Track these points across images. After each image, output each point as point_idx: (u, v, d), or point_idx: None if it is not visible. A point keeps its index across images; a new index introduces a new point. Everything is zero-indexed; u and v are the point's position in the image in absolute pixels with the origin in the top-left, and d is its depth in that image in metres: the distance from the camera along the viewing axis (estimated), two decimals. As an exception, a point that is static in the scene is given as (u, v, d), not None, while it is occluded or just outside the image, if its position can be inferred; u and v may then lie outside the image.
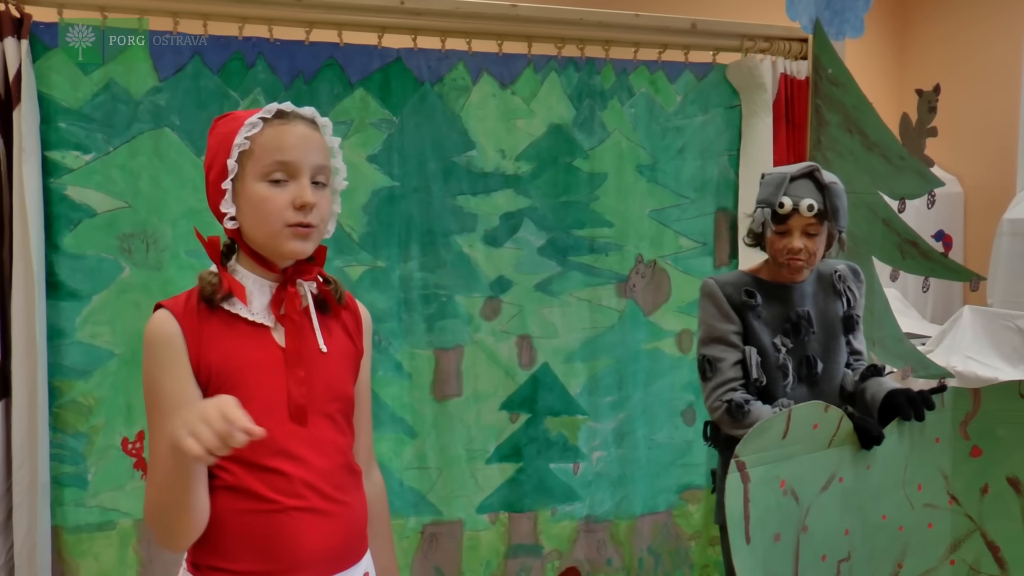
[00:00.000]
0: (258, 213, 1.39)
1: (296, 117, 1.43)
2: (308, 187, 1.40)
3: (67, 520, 2.59)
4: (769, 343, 2.26)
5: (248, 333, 1.42)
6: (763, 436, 1.91)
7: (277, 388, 1.42)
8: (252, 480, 1.38)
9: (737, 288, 2.30)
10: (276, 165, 1.38)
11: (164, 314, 1.39)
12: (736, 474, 1.86)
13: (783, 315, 2.29)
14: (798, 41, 3.12)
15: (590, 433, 3.03)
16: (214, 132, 1.45)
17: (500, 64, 2.85)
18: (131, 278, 2.59)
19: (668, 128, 3.05)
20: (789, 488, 1.94)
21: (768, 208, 2.22)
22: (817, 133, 3.10)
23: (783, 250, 2.23)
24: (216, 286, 1.41)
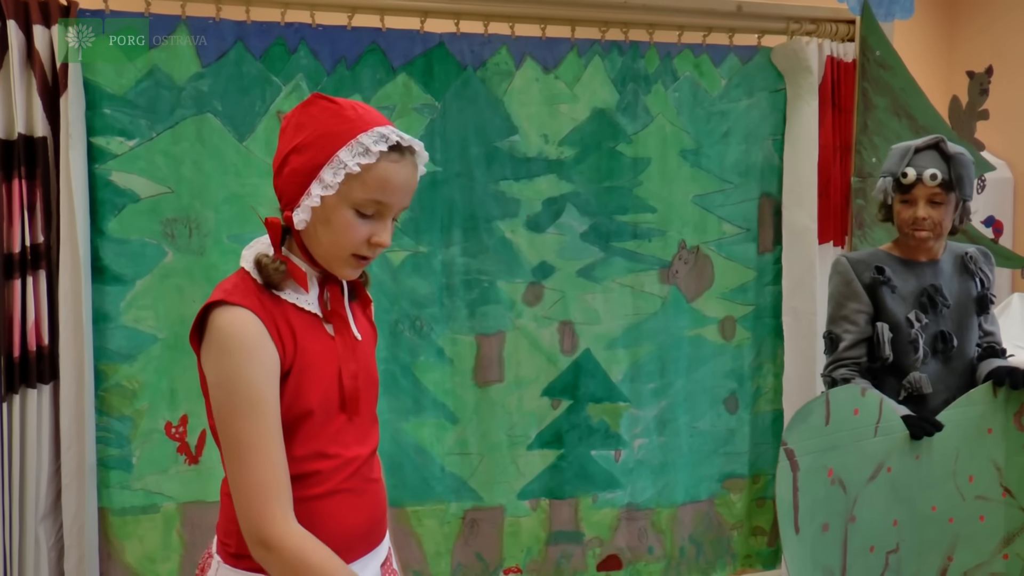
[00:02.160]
0: (336, 236, 1.35)
1: (409, 155, 1.37)
2: (391, 228, 1.38)
3: (113, 502, 2.62)
4: (903, 317, 2.27)
5: (307, 322, 1.40)
6: (806, 421, 1.89)
7: (332, 378, 1.40)
8: (307, 468, 1.37)
9: (868, 265, 2.31)
10: (374, 204, 1.34)
11: (246, 315, 1.31)
12: (785, 462, 1.83)
13: (918, 290, 2.30)
14: (845, 23, 3.06)
15: (632, 420, 3.01)
16: (313, 112, 1.35)
17: (543, 48, 2.83)
18: (174, 263, 2.61)
19: (712, 112, 3.00)
20: (837, 477, 1.92)
21: (891, 178, 2.25)
22: (864, 117, 3.04)
23: (908, 219, 2.25)
24: (283, 273, 1.36)
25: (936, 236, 2.26)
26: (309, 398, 1.36)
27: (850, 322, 2.29)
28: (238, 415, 1.29)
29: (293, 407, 1.34)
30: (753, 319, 3.13)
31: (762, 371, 3.16)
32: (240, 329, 1.30)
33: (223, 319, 1.31)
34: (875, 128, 3.03)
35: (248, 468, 1.29)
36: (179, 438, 2.66)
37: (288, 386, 1.34)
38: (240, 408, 1.29)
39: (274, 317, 1.34)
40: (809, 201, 3.02)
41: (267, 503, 1.28)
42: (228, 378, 1.30)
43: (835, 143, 3.07)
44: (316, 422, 1.37)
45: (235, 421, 1.30)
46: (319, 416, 1.37)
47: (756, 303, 3.13)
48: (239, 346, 1.30)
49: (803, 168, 3.02)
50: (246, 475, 1.29)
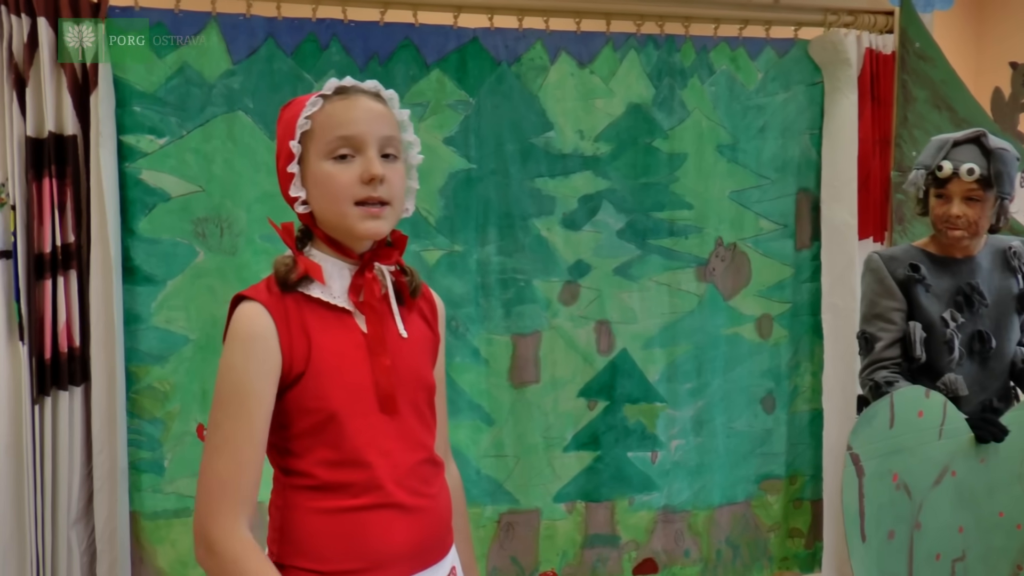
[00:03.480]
0: (325, 192, 1.33)
1: (358, 91, 1.36)
2: (376, 159, 1.32)
3: (144, 506, 2.58)
4: (938, 317, 2.20)
5: (330, 318, 1.35)
6: (871, 424, 1.84)
7: (363, 376, 1.35)
8: (339, 477, 1.32)
9: (902, 262, 2.25)
10: (339, 141, 1.31)
11: (256, 308, 1.31)
12: (851, 467, 1.78)
13: (954, 288, 2.23)
14: (884, 14, 3.00)
15: (668, 421, 2.96)
16: (281, 120, 1.39)
17: (578, 42, 2.78)
18: (205, 263, 2.57)
19: (749, 107, 2.95)
20: (902, 482, 1.86)
21: (924, 171, 2.16)
22: (904, 110, 2.98)
23: (942, 216, 2.17)
24: (291, 267, 1.34)
25: (971, 235, 2.18)
26: (330, 399, 1.31)
27: (885, 320, 2.23)
28: (222, 404, 1.28)
29: (313, 411, 1.31)
30: (790, 317, 3.07)
31: (799, 370, 3.10)
32: (245, 321, 1.30)
33: (236, 312, 1.32)
34: (915, 121, 2.97)
35: (214, 461, 1.27)
36: (210, 440, 2.61)
37: (305, 389, 1.31)
38: (224, 398, 1.28)
39: (288, 316, 1.32)
40: (849, 196, 2.96)
41: (220, 502, 1.25)
42: (223, 366, 1.30)
43: (874, 137, 3.01)
44: (346, 425, 1.32)
45: (218, 410, 1.29)
46: (348, 418, 1.32)
47: (793, 300, 3.07)
48: (239, 336, 1.29)
49: (842, 163, 2.96)
50: (211, 467, 1.27)
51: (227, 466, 1.26)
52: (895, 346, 2.22)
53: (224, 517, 1.25)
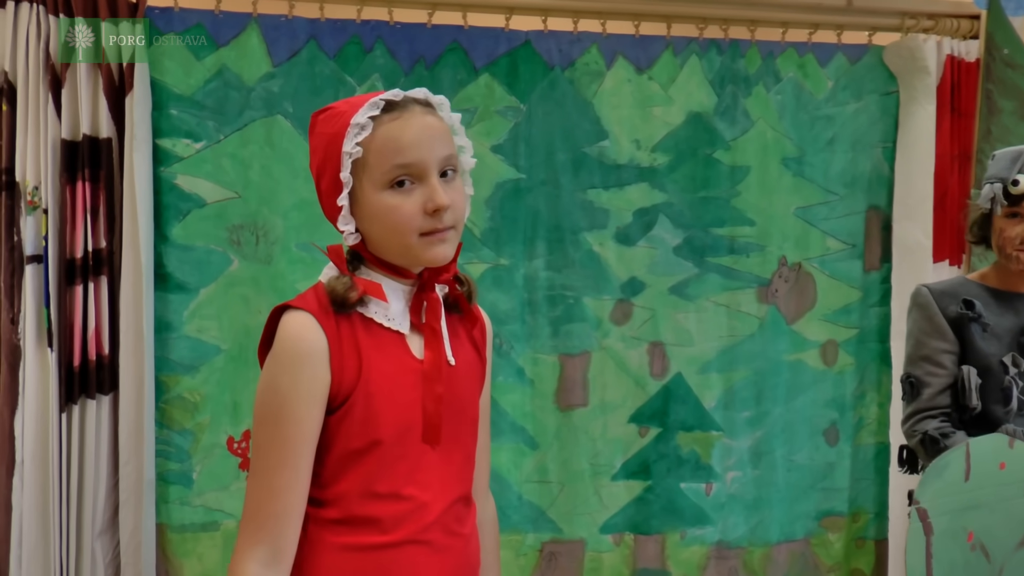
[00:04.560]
0: (386, 226, 1.21)
1: (409, 104, 1.22)
2: (439, 187, 1.20)
3: (172, 519, 2.51)
4: (996, 360, 1.97)
5: (385, 340, 1.24)
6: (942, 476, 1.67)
7: (411, 404, 1.24)
8: (371, 511, 1.21)
9: (955, 297, 2.02)
10: (398, 170, 1.19)
11: (306, 320, 1.20)
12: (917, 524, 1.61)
13: (1017, 328, 2.00)
14: (968, 18, 2.81)
15: (724, 451, 2.79)
16: (316, 132, 1.27)
17: (636, 47, 2.65)
18: (240, 271, 2.50)
19: (817, 117, 2.78)
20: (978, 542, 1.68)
21: (999, 184, 1.94)
22: (987, 122, 2.79)
23: (1014, 239, 1.94)
24: (349, 287, 1.22)
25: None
26: (377, 427, 1.21)
27: (934, 363, 2.00)
28: (263, 427, 1.20)
29: (358, 436, 1.21)
30: (857, 343, 2.88)
31: (865, 400, 2.91)
32: (293, 335, 1.20)
33: (283, 322, 1.22)
34: (999, 135, 2.76)
35: (250, 484, 1.21)
36: (241, 454, 2.54)
37: (352, 413, 1.20)
38: (266, 419, 1.20)
39: (340, 332, 1.21)
40: (923, 215, 2.78)
41: (243, 529, 1.19)
42: (266, 383, 1.21)
43: (953, 151, 2.82)
44: (388, 454, 1.22)
45: (259, 432, 1.21)
46: (391, 447, 1.22)
47: (860, 326, 2.88)
48: (286, 352, 1.19)
49: (917, 179, 2.78)
50: (247, 491, 1.21)
51: (258, 492, 1.19)
52: (945, 393, 1.99)
53: (241, 545, 1.19)
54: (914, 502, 1.63)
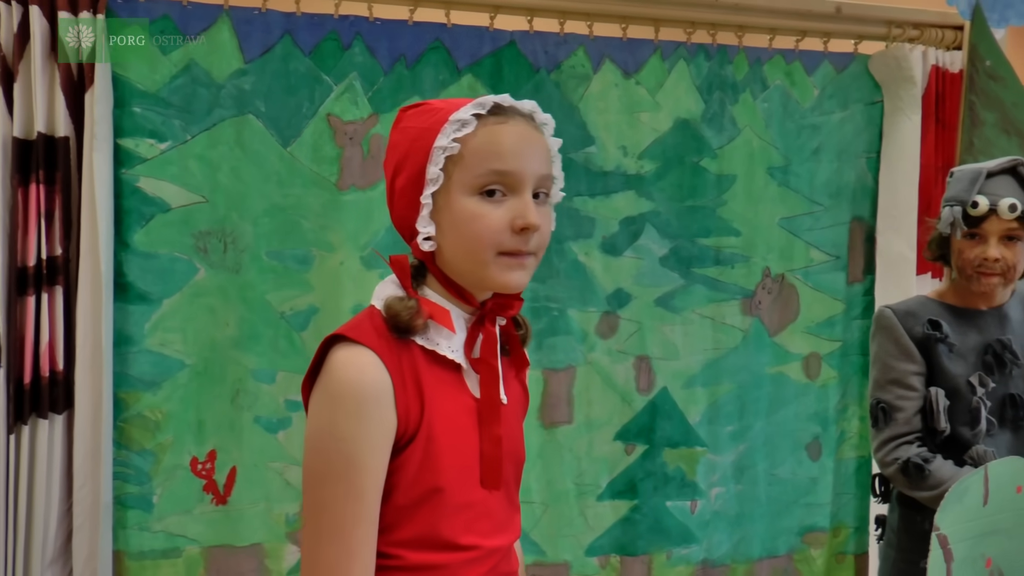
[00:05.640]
0: (466, 235, 1.10)
1: (515, 113, 1.14)
2: (531, 205, 1.10)
3: (130, 545, 2.36)
4: (963, 381, 1.91)
5: (445, 376, 1.14)
6: (962, 502, 1.61)
7: (471, 447, 1.14)
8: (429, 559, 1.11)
9: (918, 317, 1.95)
10: (493, 176, 1.09)
11: (369, 358, 1.08)
12: (938, 551, 1.54)
13: (981, 346, 1.94)
14: (952, 29, 2.78)
15: (709, 467, 2.72)
16: (402, 127, 1.17)
17: (624, 50, 2.56)
18: (206, 281, 2.36)
19: (803, 126, 2.73)
20: (996, 568, 1.63)
21: (958, 207, 1.88)
22: (970, 134, 2.76)
23: (974, 260, 1.88)
24: (415, 311, 1.11)
25: (1008, 282, 1.90)
26: (440, 472, 1.11)
27: (904, 386, 1.93)
28: (328, 481, 1.07)
29: (418, 483, 1.10)
30: (840, 356, 2.84)
31: (847, 414, 2.86)
32: (356, 374, 1.07)
33: (340, 358, 1.08)
34: (982, 147, 2.73)
35: (322, 549, 1.07)
36: (206, 475, 2.39)
37: (412, 457, 1.10)
38: (332, 473, 1.06)
39: (402, 368, 1.10)
40: (908, 227, 2.74)
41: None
42: (326, 432, 1.07)
43: (938, 163, 2.78)
44: (448, 503, 1.12)
45: (322, 487, 1.07)
46: (452, 495, 1.12)
47: (843, 339, 2.84)
48: (350, 394, 1.06)
49: (902, 190, 2.74)
50: (320, 558, 1.07)
51: (338, 556, 1.06)
52: (918, 416, 1.93)
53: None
54: (935, 528, 1.56)
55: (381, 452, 1.07)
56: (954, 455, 1.91)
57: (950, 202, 1.92)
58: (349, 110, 2.39)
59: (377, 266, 2.41)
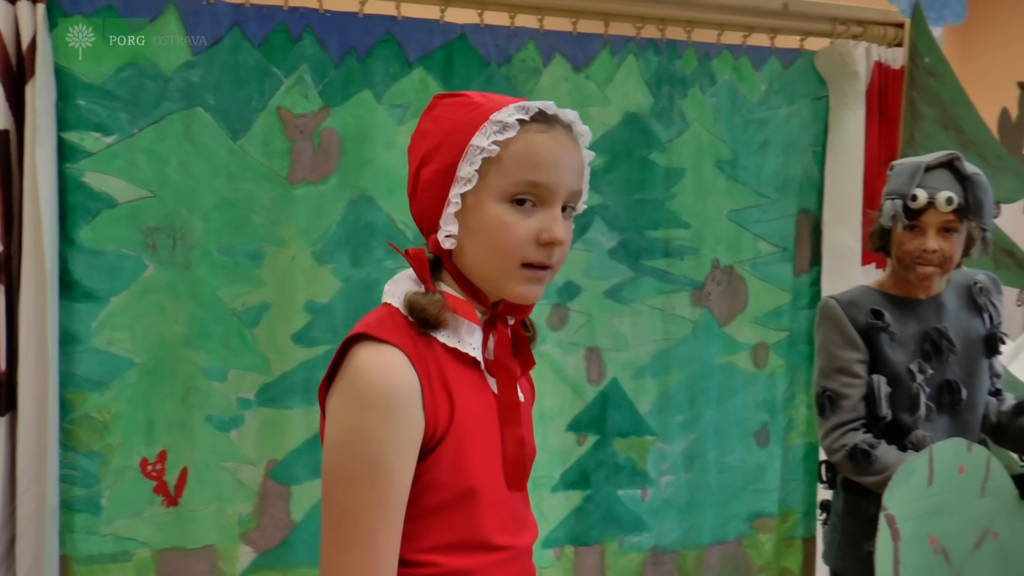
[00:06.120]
0: (492, 241, 1.08)
1: (557, 122, 1.11)
2: (559, 219, 1.09)
3: (77, 549, 2.30)
4: (904, 368, 1.97)
5: (467, 373, 1.12)
6: (908, 483, 1.66)
7: (495, 445, 1.13)
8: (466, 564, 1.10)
9: (861, 307, 2.01)
10: (528, 186, 1.07)
11: (396, 357, 1.05)
12: (887, 531, 1.59)
13: (920, 334, 2.00)
14: (894, 26, 2.83)
15: (659, 456, 2.75)
16: (436, 115, 1.14)
17: (574, 44, 2.56)
18: (155, 277, 2.30)
19: (751, 120, 2.76)
20: (940, 546, 1.68)
21: (899, 200, 1.93)
22: (911, 128, 2.82)
23: (914, 251, 1.94)
24: (442, 304, 1.09)
25: (944, 272, 1.97)
26: (473, 472, 1.09)
27: (849, 374, 1.99)
28: (353, 484, 1.03)
29: (447, 485, 1.08)
30: (787, 346, 2.89)
31: (795, 402, 2.92)
32: (383, 374, 1.04)
33: (364, 358, 1.05)
34: (922, 141, 2.80)
35: (345, 556, 1.03)
36: (156, 476, 2.35)
37: (442, 459, 1.07)
38: (357, 476, 1.03)
39: (428, 366, 1.07)
40: (853, 219, 2.80)
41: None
42: (352, 433, 1.04)
43: (881, 156, 2.84)
44: (481, 503, 1.10)
45: (346, 490, 1.03)
46: (485, 495, 1.10)
47: (791, 328, 2.89)
48: (377, 395, 1.03)
49: (847, 182, 2.79)
50: (341, 564, 1.03)
51: (362, 562, 1.03)
52: (862, 403, 1.99)
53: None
54: (883, 508, 1.61)
55: (408, 455, 1.05)
56: (895, 440, 1.97)
57: (891, 195, 1.97)
58: (299, 103, 2.36)
59: (330, 261, 2.40)
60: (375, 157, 2.40)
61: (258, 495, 2.39)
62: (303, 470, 2.41)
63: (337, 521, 1.04)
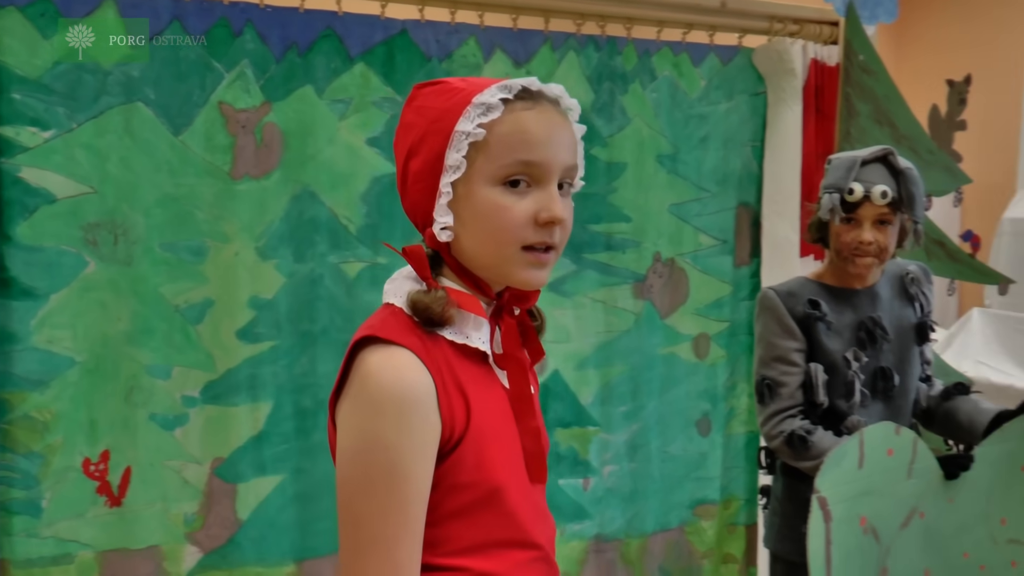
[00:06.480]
0: (489, 228, 1.05)
1: (543, 98, 1.08)
2: (557, 196, 1.06)
3: (16, 553, 2.23)
4: (840, 356, 2.03)
5: (477, 369, 1.10)
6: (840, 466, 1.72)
7: (513, 440, 1.11)
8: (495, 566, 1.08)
9: (799, 298, 2.07)
10: (520, 166, 1.04)
11: (408, 359, 1.02)
12: (818, 513, 1.64)
13: (855, 323, 2.06)
14: (829, 24, 2.90)
15: (602, 446, 2.79)
16: (418, 106, 1.10)
17: (515, 40, 2.58)
18: (96, 274, 2.26)
19: (691, 115, 2.81)
20: (870, 527, 1.74)
21: (836, 194, 1.99)
22: (847, 124, 2.89)
23: (851, 243, 2.00)
24: (446, 300, 1.05)
25: (880, 262, 2.04)
26: (496, 470, 1.07)
27: (787, 363, 2.06)
28: (370, 493, 1.00)
29: (470, 486, 1.06)
30: (728, 336, 2.95)
31: (736, 391, 2.98)
32: (395, 377, 1.00)
33: (374, 361, 1.02)
34: (858, 136, 2.87)
35: (363, 564, 1.00)
36: (99, 477, 2.30)
37: (462, 460, 1.05)
38: (375, 484, 1.00)
39: (439, 366, 1.04)
40: (791, 212, 2.86)
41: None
42: (366, 441, 1.00)
43: (818, 151, 2.91)
44: (508, 501, 1.08)
45: (364, 500, 1.00)
46: (510, 492, 1.08)
47: (731, 319, 2.95)
48: (390, 399, 1.00)
49: (785, 176, 2.86)
50: (359, 572, 1.01)
51: (382, 571, 1.00)
52: (800, 391, 2.06)
53: None
54: (815, 491, 1.66)
55: (426, 459, 1.01)
56: (832, 426, 2.03)
57: (829, 189, 2.03)
58: (241, 98, 2.35)
59: (273, 256, 2.39)
60: (317, 152, 2.40)
61: (204, 494, 2.36)
62: (249, 467, 2.39)
63: (355, 531, 1.01)
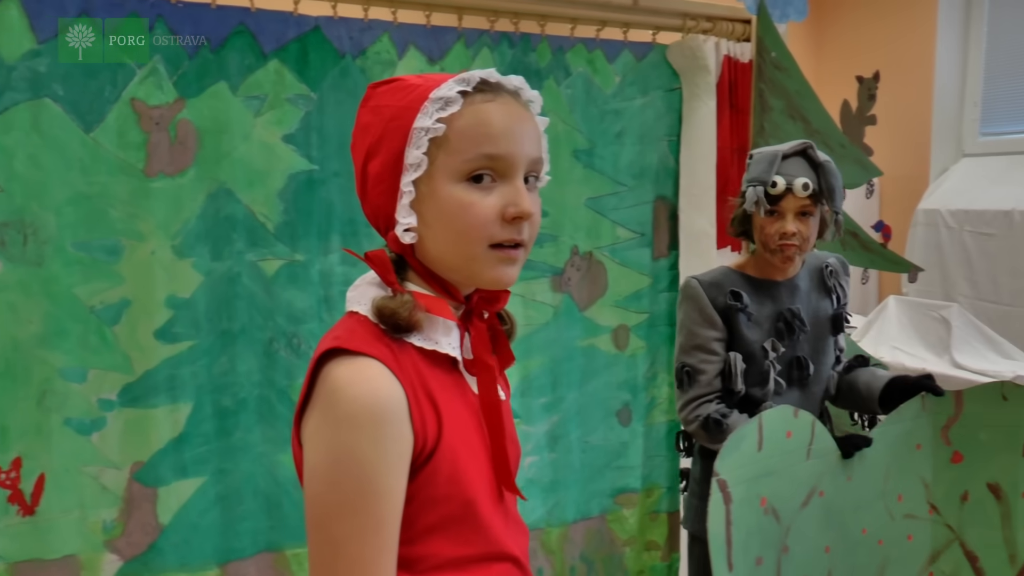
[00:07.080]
0: (454, 226, 1.01)
1: (502, 90, 1.05)
2: (523, 190, 1.03)
3: (-77, 568, 2.17)
4: (758, 346, 2.10)
5: (447, 376, 1.06)
6: (739, 449, 1.77)
7: (483, 449, 1.08)
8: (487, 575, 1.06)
9: (721, 288, 2.13)
10: (483, 160, 1.01)
11: (379, 371, 0.97)
12: (718, 495, 1.69)
13: (774, 314, 2.13)
14: (741, 22, 2.97)
15: (522, 437, 2.82)
16: (373, 106, 1.08)
17: (428, 37, 2.60)
18: (6, 275, 2.21)
19: (606, 111, 2.85)
20: (770, 507, 1.79)
21: (760, 187, 2.05)
22: (761, 119, 2.96)
23: (775, 235, 2.07)
24: (413, 305, 1.01)
25: (802, 252, 2.11)
26: (469, 482, 1.04)
27: (707, 351, 2.12)
28: (344, 513, 0.95)
29: (444, 500, 1.02)
30: (647, 327, 3.01)
31: (656, 381, 3.04)
32: (367, 389, 0.96)
33: (342, 373, 0.97)
34: (771, 130, 2.95)
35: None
36: (10, 485, 2.22)
37: (437, 472, 1.01)
38: (350, 503, 0.95)
39: (409, 375, 1.00)
40: (707, 205, 2.92)
41: None
42: (339, 458, 0.95)
43: (732, 145, 2.98)
44: (482, 512, 1.05)
45: (339, 520, 0.95)
46: (483, 503, 1.06)
47: (650, 311, 3.01)
48: (363, 412, 0.95)
49: (701, 170, 2.92)
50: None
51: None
52: (718, 378, 2.13)
53: None
54: (714, 473, 1.70)
55: (400, 474, 0.98)
56: (748, 412, 2.09)
57: (752, 182, 2.09)
58: (154, 94, 2.31)
59: (190, 255, 2.36)
60: (232, 149, 2.39)
61: (123, 499, 2.30)
62: (169, 470, 2.35)
63: (331, 555, 0.96)
